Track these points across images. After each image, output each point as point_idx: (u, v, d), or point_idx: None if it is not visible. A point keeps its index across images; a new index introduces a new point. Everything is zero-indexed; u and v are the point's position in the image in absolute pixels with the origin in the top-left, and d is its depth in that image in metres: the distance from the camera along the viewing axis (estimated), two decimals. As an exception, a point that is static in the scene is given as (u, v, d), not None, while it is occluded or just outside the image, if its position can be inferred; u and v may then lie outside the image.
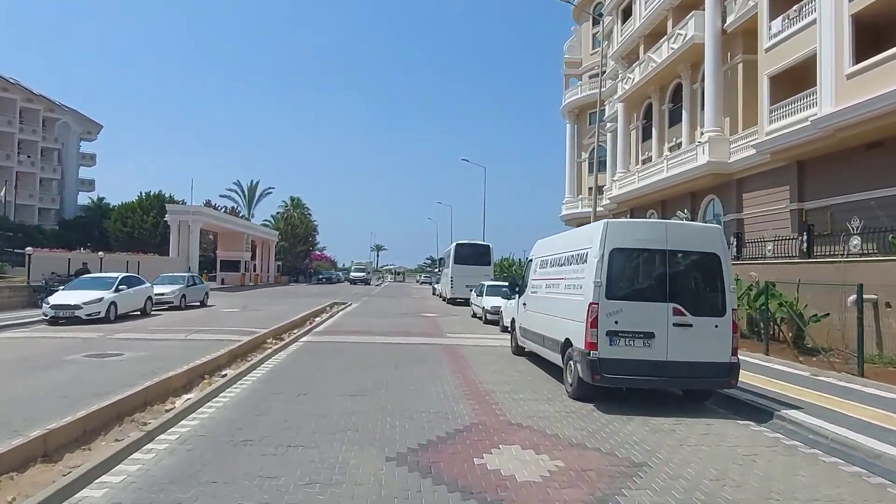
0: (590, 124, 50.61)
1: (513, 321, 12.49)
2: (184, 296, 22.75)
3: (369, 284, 67.38)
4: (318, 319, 19.80)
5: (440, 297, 41.85)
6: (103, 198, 66.98)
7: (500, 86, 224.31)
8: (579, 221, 52.29)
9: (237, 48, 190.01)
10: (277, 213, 77.85)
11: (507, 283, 22.47)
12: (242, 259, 48.86)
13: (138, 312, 19.48)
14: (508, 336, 13.19)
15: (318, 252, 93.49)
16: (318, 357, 11.35)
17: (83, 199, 69.93)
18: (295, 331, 16.13)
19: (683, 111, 31.62)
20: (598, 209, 47.82)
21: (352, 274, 70.49)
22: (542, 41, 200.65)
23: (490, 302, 19.45)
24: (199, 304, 24.74)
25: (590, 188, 51.03)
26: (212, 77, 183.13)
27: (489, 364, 10.96)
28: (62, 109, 64.83)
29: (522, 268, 44.37)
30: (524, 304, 11.31)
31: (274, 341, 13.38)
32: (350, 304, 27.95)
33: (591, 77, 50.15)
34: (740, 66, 27.07)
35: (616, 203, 38.54)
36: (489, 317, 19.27)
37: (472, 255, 30.42)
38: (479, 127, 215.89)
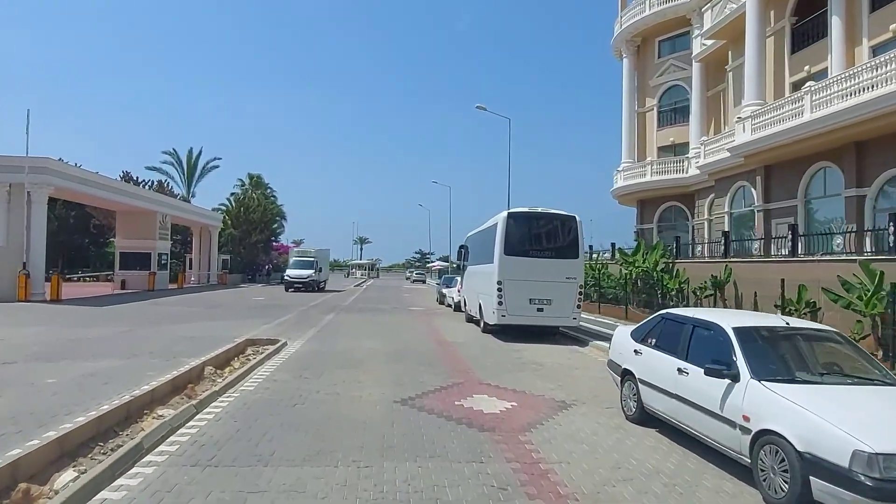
0: (659, 57, 35.34)
1: None
2: None
3: (320, 290, 39.38)
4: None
5: (450, 306, 26.38)
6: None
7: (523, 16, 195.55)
8: (643, 196, 37.08)
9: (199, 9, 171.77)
10: (232, 194, 61.67)
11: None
12: (154, 251, 32.90)
13: None
14: None
15: (292, 244, 77.24)
16: None
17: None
18: None
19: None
20: (689, 173, 32.79)
21: (288, 272, 38.72)
22: None
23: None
24: None
25: (661, 147, 35.92)
26: (164, 38, 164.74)
27: None
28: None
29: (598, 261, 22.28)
30: None
31: None
32: (282, 348, 12.38)
33: (661, -12, 35.00)
34: None
35: (742, 157, 23.27)
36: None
37: (540, 236, 14.95)
38: (491, 82, 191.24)
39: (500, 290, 14.44)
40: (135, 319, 17.46)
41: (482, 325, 16.47)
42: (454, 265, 71.18)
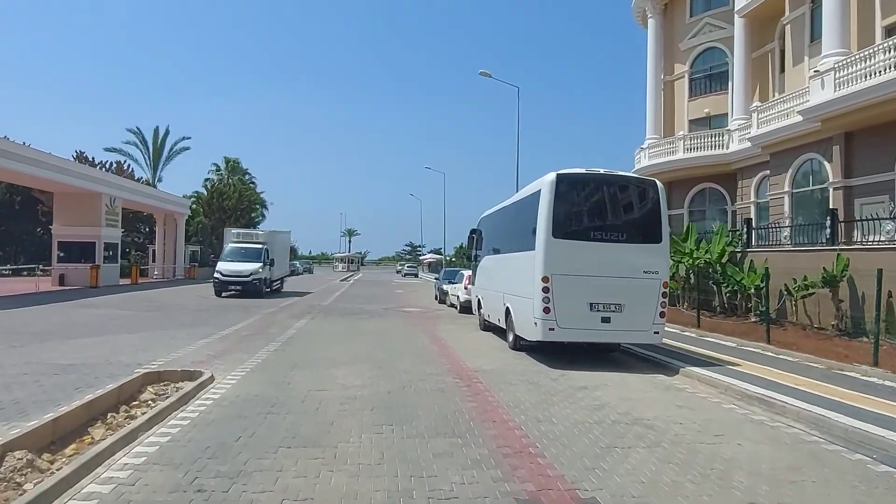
0: (692, 15, 30.60)
1: None
2: None
3: (274, 291, 27.98)
4: None
5: (454, 306, 21.60)
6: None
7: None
8: (673, 177, 32.27)
9: None
10: (207, 180, 56.27)
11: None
12: (99, 240, 27.72)
13: None
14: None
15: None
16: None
17: None
18: None
19: None
20: (730, 149, 28.09)
21: (220, 266, 25.08)
22: None
23: None
24: None
25: (694, 120, 31.32)
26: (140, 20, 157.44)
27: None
28: None
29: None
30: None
31: None
32: (201, 390, 7.46)
33: (694, -64, 30.28)
34: None
35: (819, 121, 18.59)
36: None
37: (605, 210, 10.12)
38: (490, 59, 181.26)
39: (546, 289, 9.60)
40: (18, 331, 12.41)
41: (511, 338, 11.64)
42: (449, 258, 66.32)
